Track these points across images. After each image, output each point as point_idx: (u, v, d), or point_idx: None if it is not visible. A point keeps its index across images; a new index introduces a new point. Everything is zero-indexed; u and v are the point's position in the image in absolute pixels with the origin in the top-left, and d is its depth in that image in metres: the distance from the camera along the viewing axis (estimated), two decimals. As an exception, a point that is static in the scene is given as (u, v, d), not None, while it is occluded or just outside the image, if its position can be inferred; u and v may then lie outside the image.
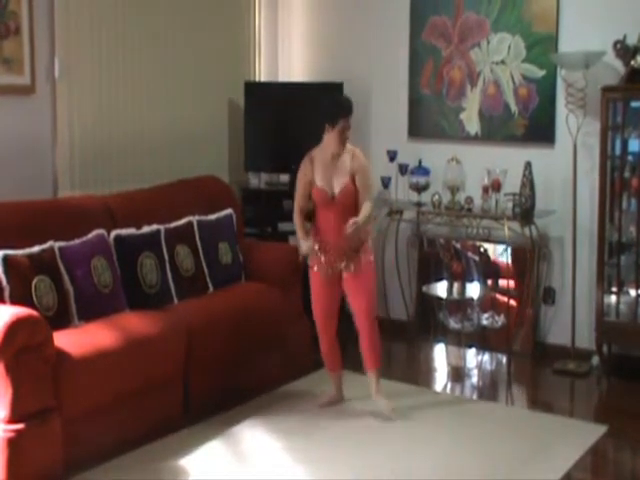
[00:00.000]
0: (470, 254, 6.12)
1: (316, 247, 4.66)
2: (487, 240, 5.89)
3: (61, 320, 4.17)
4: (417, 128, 6.25)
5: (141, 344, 4.28)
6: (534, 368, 5.68)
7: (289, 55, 6.82)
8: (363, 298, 4.67)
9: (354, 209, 4.57)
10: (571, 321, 5.54)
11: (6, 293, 4.01)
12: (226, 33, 6.33)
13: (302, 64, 6.79)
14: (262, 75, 6.68)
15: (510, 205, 5.51)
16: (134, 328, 4.34)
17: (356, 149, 4.67)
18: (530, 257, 5.67)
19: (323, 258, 4.65)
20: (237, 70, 6.45)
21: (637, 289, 5.23)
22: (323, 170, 4.62)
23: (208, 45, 6.16)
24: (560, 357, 5.60)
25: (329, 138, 4.62)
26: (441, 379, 5.66)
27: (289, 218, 6.11)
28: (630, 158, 5.31)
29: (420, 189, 5.92)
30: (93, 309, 4.37)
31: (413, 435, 4.51)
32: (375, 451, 4.31)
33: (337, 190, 4.57)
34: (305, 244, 4.69)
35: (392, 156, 6.02)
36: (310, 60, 6.76)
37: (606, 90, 5.19)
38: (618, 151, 5.28)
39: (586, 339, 5.54)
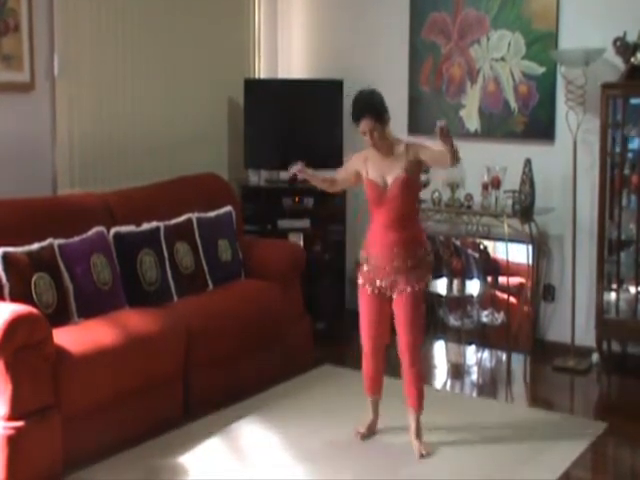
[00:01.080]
0: (470, 251, 6.11)
1: (365, 260, 4.26)
2: (487, 237, 5.89)
3: (61, 317, 4.17)
4: (417, 125, 6.24)
5: (141, 341, 4.28)
6: (534, 365, 5.68)
7: (289, 52, 6.81)
8: (404, 324, 4.21)
9: (411, 213, 4.22)
10: (571, 318, 5.54)
11: (6, 290, 4.01)
12: (226, 30, 6.32)
13: (302, 61, 6.79)
14: (262, 72, 6.68)
15: (510, 202, 5.50)
16: (134, 325, 4.34)
17: (410, 141, 4.32)
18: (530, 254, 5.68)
19: (371, 273, 4.24)
20: (237, 67, 6.44)
21: (637, 286, 5.23)
22: (375, 166, 4.20)
23: (208, 42, 6.15)
24: (560, 354, 5.60)
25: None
26: (441, 376, 5.66)
27: (289, 215, 6.16)
28: (630, 155, 5.31)
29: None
30: (93, 306, 4.37)
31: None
32: (374, 449, 4.31)
33: (390, 181, 4.14)
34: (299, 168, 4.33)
35: (392, 153, 6.01)
36: (310, 57, 6.75)
37: (606, 87, 5.18)
38: (618, 148, 5.28)
39: (586, 336, 5.54)
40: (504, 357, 5.74)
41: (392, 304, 4.25)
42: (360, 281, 4.32)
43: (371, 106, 4.19)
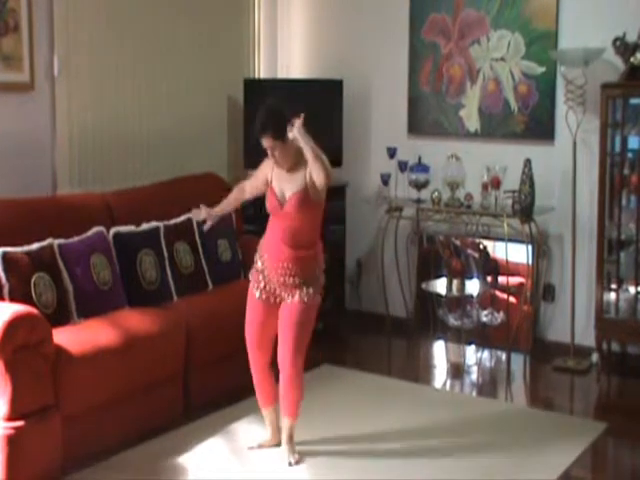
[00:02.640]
0: (470, 251, 6.11)
1: (259, 265, 4.14)
2: (487, 237, 5.89)
3: (60, 317, 4.17)
4: (417, 125, 6.25)
5: (140, 341, 4.28)
6: (534, 365, 5.67)
7: (288, 52, 6.81)
8: (286, 332, 4.04)
9: (308, 231, 4.06)
10: (571, 318, 5.54)
11: (5, 290, 4.00)
12: (226, 30, 6.32)
13: (302, 61, 6.79)
14: (261, 72, 6.67)
15: (510, 202, 5.50)
16: (133, 325, 4.34)
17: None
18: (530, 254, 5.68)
19: (263, 281, 4.11)
20: (236, 67, 6.44)
21: (636, 286, 5.23)
22: (277, 177, 4.10)
23: (207, 42, 6.15)
24: (560, 354, 5.61)
25: None
26: (440, 376, 5.66)
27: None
28: (629, 155, 5.31)
29: (420, 186, 5.91)
30: (92, 306, 4.37)
31: (411, 433, 4.51)
32: (374, 449, 4.31)
33: (287, 197, 4.02)
34: (198, 211, 4.30)
35: (392, 153, 6.01)
36: (310, 57, 6.75)
37: (606, 87, 5.18)
38: (617, 148, 5.28)
39: (586, 336, 5.54)
40: (504, 357, 5.74)
41: (280, 311, 4.09)
42: (250, 283, 4.18)
43: (269, 125, 3.99)
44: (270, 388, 4.26)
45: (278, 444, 4.27)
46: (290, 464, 4.12)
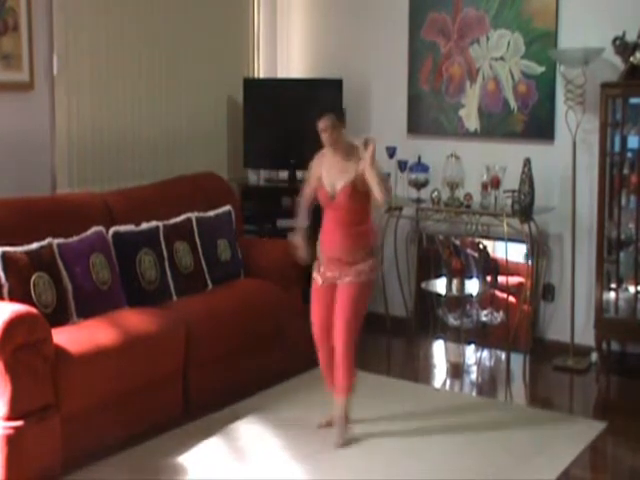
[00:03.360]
0: (469, 251, 6.11)
1: (318, 254, 4.43)
2: (486, 237, 5.89)
3: (60, 317, 4.17)
4: (416, 124, 6.25)
5: (140, 341, 4.28)
6: (533, 364, 5.67)
7: (288, 51, 6.81)
8: (340, 313, 4.31)
9: (356, 218, 4.32)
10: (570, 318, 5.54)
11: (5, 290, 4.00)
12: (225, 30, 6.32)
13: (301, 60, 6.79)
14: (261, 71, 6.67)
15: (509, 202, 5.50)
16: (133, 325, 4.34)
17: (361, 149, 4.29)
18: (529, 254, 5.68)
19: (322, 267, 4.42)
20: (236, 67, 6.44)
21: (636, 286, 5.23)
22: (329, 169, 4.38)
23: (207, 41, 6.15)
24: (559, 353, 5.61)
25: None
26: (440, 375, 5.66)
27: (288, 215, 6.12)
28: (629, 155, 5.31)
29: (419, 186, 5.91)
30: (92, 306, 4.37)
31: (411, 432, 4.51)
32: (374, 448, 4.31)
33: (338, 189, 4.30)
34: (294, 236, 4.54)
35: (391, 152, 6.01)
36: (309, 56, 6.75)
37: (605, 86, 5.18)
38: (617, 148, 5.27)
39: (585, 336, 5.53)
40: (503, 356, 5.74)
41: (336, 293, 4.35)
42: (313, 274, 4.47)
43: (331, 115, 4.38)
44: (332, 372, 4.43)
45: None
46: (337, 445, 4.27)
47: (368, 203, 4.35)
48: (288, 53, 6.82)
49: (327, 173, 4.38)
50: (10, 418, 3.69)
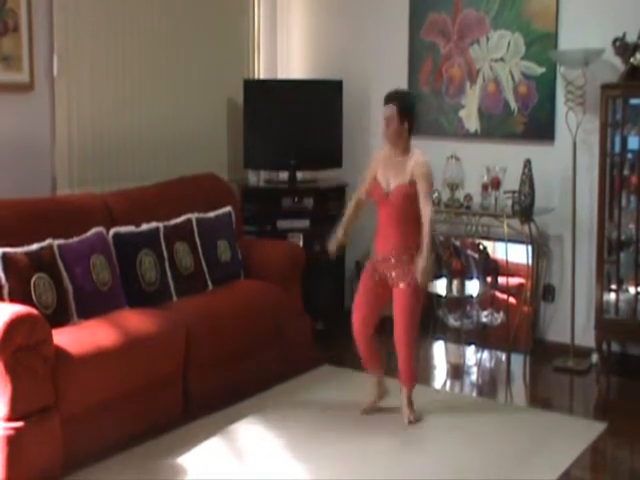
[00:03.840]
0: (469, 251, 6.11)
1: (372, 253, 4.71)
2: (486, 237, 5.89)
3: (60, 318, 4.17)
4: (416, 125, 6.21)
5: (140, 342, 4.28)
6: (533, 365, 5.68)
7: (288, 52, 6.82)
8: (399, 315, 4.54)
9: (409, 216, 4.49)
10: (570, 318, 5.54)
11: (5, 291, 4.00)
12: (225, 31, 6.33)
13: (301, 61, 6.79)
14: (261, 73, 6.68)
15: (509, 203, 5.50)
16: (133, 326, 4.33)
17: (422, 158, 4.50)
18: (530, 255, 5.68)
19: (375, 266, 4.63)
20: (236, 68, 6.44)
21: (636, 286, 5.23)
22: (385, 167, 4.57)
23: (207, 42, 6.16)
24: (559, 354, 5.61)
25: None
26: (440, 376, 5.65)
27: (288, 216, 6.15)
28: (629, 155, 5.31)
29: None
30: (92, 307, 4.37)
31: (412, 433, 4.52)
32: (374, 449, 4.31)
33: (392, 188, 4.50)
34: (333, 239, 4.76)
35: (391, 154, 6.00)
36: (309, 57, 6.75)
37: (605, 87, 5.18)
38: (617, 148, 5.28)
39: (585, 336, 5.53)
40: (504, 357, 5.74)
41: (393, 295, 4.55)
42: (367, 265, 4.72)
43: (397, 98, 4.53)
44: (375, 358, 4.75)
45: (379, 406, 4.76)
46: (410, 422, 4.58)
47: (418, 202, 4.50)
48: (288, 54, 6.82)
49: (383, 171, 4.55)
50: (10, 419, 3.69)
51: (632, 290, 5.29)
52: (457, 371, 5.73)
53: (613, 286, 5.36)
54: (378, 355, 4.76)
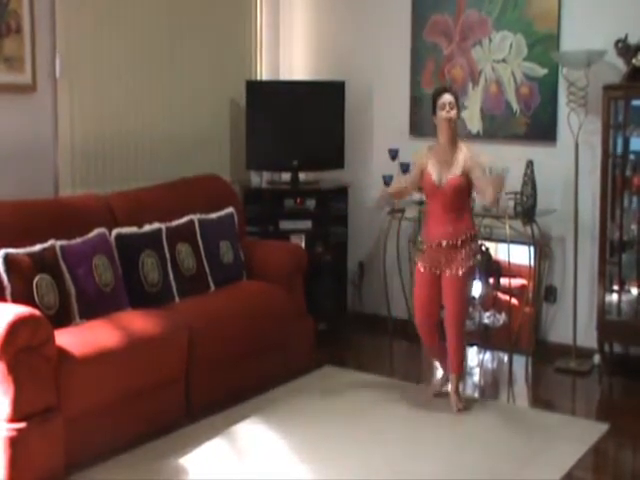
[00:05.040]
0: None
1: (421, 243, 4.90)
2: (489, 239, 5.89)
3: (62, 319, 4.18)
4: (419, 127, 6.24)
5: (142, 343, 4.28)
6: (536, 366, 5.68)
7: (290, 54, 6.82)
8: (449, 302, 4.78)
9: (461, 207, 4.76)
10: (573, 319, 5.54)
11: (7, 292, 4.01)
12: (228, 32, 6.33)
13: (304, 63, 6.79)
14: (263, 74, 6.67)
15: (512, 204, 5.50)
16: (135, 327, 4.34)
17: (470, 149, 4.78)
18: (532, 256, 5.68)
19: (426, 255, 4.82)
20: (239, 69, 6.44)
21: (639, 287, 5.23)
22: (437, 160, 4.77)
23: (210, 44, 6.15)
24: (562, 355, 5.60)
25: (438, 129, 4.82)
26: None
27: (291, 217, 6.15)
28: (632, 157, 5.31)
29: (422, 188, 5.90)
30: (94, 308, 4.37)
31: (414, 434, 4.52)
32: (375, 450, 4.30)
33: (445, 179, 4.71)
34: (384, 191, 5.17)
35: (393, 155, 6.01)
36: (312, 59, 6.75)
37: (608, 89, 5.18)
38: (620, 149, 5.28)
39: (588, 337, 5.53)
40: (506, 358, 5.74)
41: (442, 282, 4.79)
42: (417, 261, 4.91)
43: (450, 89, 4.94)
44: (437, 346, 4.97)
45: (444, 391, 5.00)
46: (459, 410, 4.77)
47: (469, 196, 4.84)
48: (290, 55, 6.82)
49: (435, 162, 4.77)
50: (13, 420, 3.70)
51: (634, 291, 5.30)
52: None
53: (615, 287, 5.36)
54: (439, 344, 4.97)
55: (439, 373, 5.18)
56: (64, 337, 3.98)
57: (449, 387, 4.93)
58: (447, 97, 4.76)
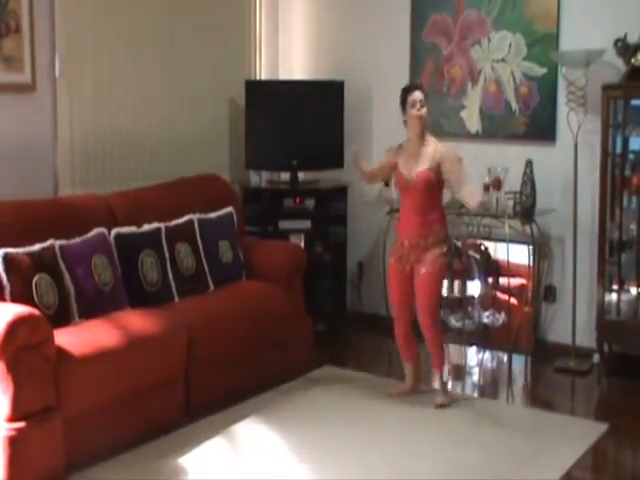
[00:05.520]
0: (471, 252, 6.11)
1: (396, 240, 4.93)
2: (488, 238, 5.89)
3: (62, 318, 4.18)
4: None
5: (142, 342, 4.28)
6: (535, 366, 5.68)
7: (290, 53, 6.81)
8: (420, 301, 4.83)
9: (432, 205, 4.79)
10: (572, 319, 5.54)
11: (7, 291, 4.01)
12: (227, 31, 6.32)
13: (303, 62, 6.79)
14: (263, 73, 6.67)
15: (511, 203, 5.50)
16: (135, 326, 4.34)
17: (440, 144, 4.83)
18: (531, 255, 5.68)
19: (399, 253, 4.86)
20: (238, 68, 6.44)
21: (638, 287, 5.23)
22: (407, 156, 4.82)
23: (209, 43, 6.15)
24: (561, 355, 5.60)
25: (408, 125, 4.85)
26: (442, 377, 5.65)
27: (290, 216, 6.15)
28: (631, 156, 5.31)
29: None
30: (94, 307, 4.37)
31: (413, 434, 4.52)
32: (375, 450, 4.31)
33: (415, 174, 4.75)
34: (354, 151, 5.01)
35: (393, 154, 6.00)
36: (311, 58, 6.75)
37: (607, 88, 5.18)
38: (619, 149, 5.28)
39: (587, 337, 5.54)
40: (505, 358, 5.74)
41: (414, 280, 4.83)
42: (390, 258, 4.97)
43: (420, 86, 4.96)
44: (410, 346, 5.01)
45: (413, 392, 5.02)
46: (441, 405, 4.84)
47: (440, 192, 4.85)
48: (290, 55, 6.82)
49: (406, 158, 4.82)
50: (12, 419, 3.70)
51: (633, 291, 5.30)
52: (458, 372, 5.72)
53: (614, 287, 5.36)
54: (413, 344, 5.02)
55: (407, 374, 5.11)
56: (63, 337, 3.98)
57: (406, 387, 5.04)
58: (417, 95, 4.79)
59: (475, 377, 5.66)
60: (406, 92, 4.86)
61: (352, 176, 6.40)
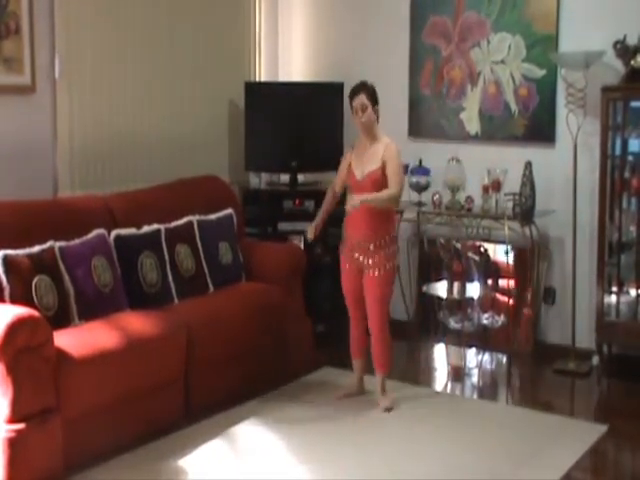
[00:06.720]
0: (470, 254, 6.11)
1: (344, 238, 4.91)
2: (487, 240, 5.89)
3: (61, 320, 4.18)
4: (417, 128, 6.25)
5: (141, 344, 4.28)
6: (534, 368, 5.68)
7: (289, 55, 6.82)
8: (369, 302, 4.82)
9: (381, 207, 4.74)
10: (571, 321, 5.54)
11: (6, 293, 4.01)
12: (227, 33, 6.33)
13: (302, 64, 6.79)
14: (262, 75, 6.68)
15: (510, 205, 5.50)
16: (134, 328, 4.34)
17: (392, 143, 4.78)
18: (530, 257, 5.67)
19: (347, 250, 4.86)
20: (237, 70, 6.45)
21: (637, 289, 5.23)
22: (358, 156, 4.83)
23: (209, 44, 6.16)
24: (560, 357, 5.61)
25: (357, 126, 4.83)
26: (441, 379, 5.66)
27: (289, 218, 6.15)
28: (630, 158, 5.32)
29: (420, 189, 5.92)
30: (93, 309, 4.37)
31: (413, 435, 4.52)
32: (374, 451, 4.31)
33: (365, 173, 4.74)
34: (310, 226, 4.99)
35: (392, 156, 6.01)
36: (310, 60, 6.75)
37: (606, 90, 5.19)
38: (618, 151, 5.29)
39: (586, 339, 5.54)
40: (504, 360, 5.74)
41: (363, 281, 4.82)
42: (341, 256, 4.96)
43: (366, 87, 4.81)
44: (360, 342, 4.99)
45: (360, 393, 5.01)
46: (386, 409, 4.78)
47: None
48: (289, 57, 6.82)
49: (357, 158, 4.82)
50: (12, 421, 3.70)
51: (633, 292, 5.30)
52: (458, 373, 5.72)
53: (614, 288, 5.36)
54: (364, 340, 4.97)
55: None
56: (63, 338, 3.98)
57: (353, 388, 5.03)
58: (358, 100, 4.75)
59: (474, 379, 5.66)
60: (350, 95, 4.82)
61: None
